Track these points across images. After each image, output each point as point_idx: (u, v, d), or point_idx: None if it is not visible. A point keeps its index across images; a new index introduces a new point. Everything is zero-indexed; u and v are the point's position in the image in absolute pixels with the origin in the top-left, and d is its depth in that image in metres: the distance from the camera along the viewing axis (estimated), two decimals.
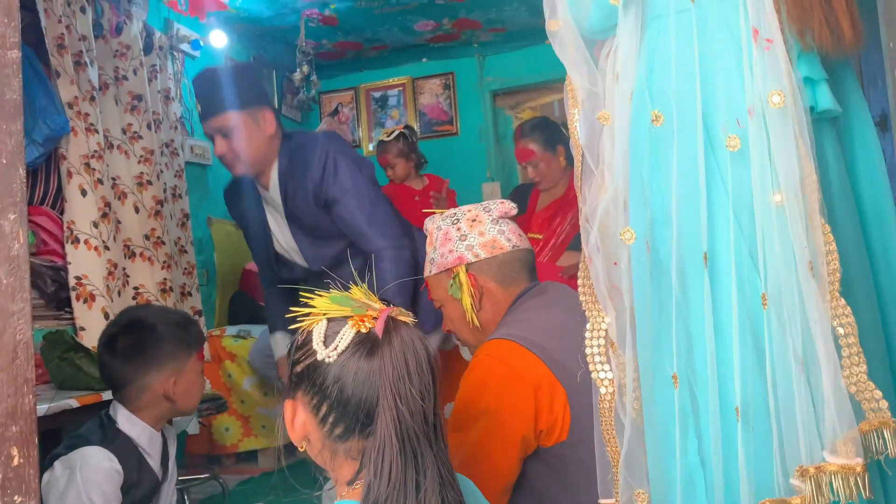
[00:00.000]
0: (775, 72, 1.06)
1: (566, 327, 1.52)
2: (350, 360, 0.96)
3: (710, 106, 1.13)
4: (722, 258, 1.10)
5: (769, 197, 1.06)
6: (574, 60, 1.29)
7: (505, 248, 1.66)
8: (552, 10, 1.30)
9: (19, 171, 0.87)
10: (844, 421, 0.99)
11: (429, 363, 0.98)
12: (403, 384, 0.94)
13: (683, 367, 1.14)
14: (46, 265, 2.71)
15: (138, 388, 1.75)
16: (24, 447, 0.85)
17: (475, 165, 4.96)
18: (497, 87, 4.94)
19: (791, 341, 1.03)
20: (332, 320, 1.00)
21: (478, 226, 1.68)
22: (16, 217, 0.86)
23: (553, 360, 1.48)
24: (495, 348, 1.53)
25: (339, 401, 0.96)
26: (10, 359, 0.84)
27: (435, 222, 1.74)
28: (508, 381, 1.47)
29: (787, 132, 1.05)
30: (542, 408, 1.45)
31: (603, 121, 1.24)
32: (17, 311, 0.85)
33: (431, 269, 1.72)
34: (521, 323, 1.58)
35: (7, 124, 0.87)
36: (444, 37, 4.57)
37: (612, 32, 1.24)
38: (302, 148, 2.37)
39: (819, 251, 1.04)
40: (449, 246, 1.68)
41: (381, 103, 5.20)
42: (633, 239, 1.19)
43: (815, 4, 1.12)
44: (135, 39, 3.24)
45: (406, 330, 0.99)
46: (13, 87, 0.88)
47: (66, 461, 1.65)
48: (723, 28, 1.13)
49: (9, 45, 0.88)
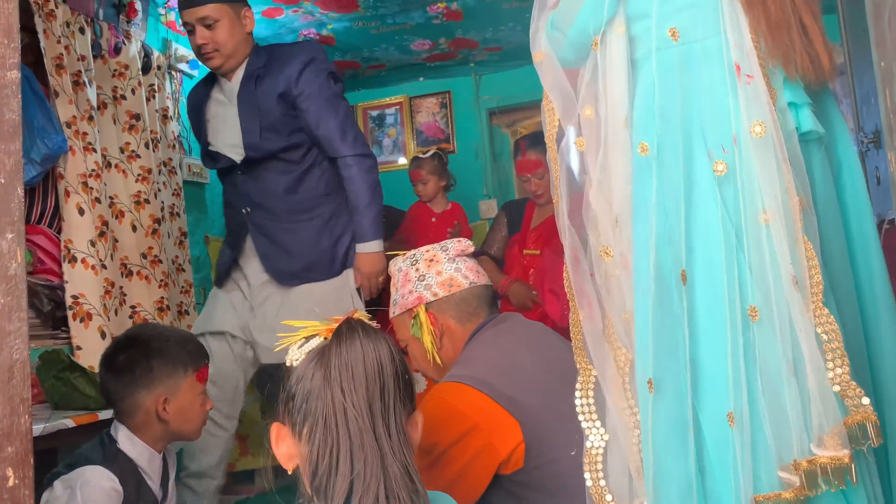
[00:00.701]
0: (757, 104, 1.19)
1: (517, 358, 1.59)
2: (311, 360, 1.00)
3: (696, 134, 1.23)
4: (715, 274, 1.19)
5: (757, 217, 1.17)
6: (552, 86, 1.45)
7: (462, 286, 1.70)
8: (536, 44, 1.47)
9: (17, 190, 0.87)
10: (830, 417, 1.09)
11: (377, 358, 0.99)
12: (345, 373, 0.97)
13: (681, 378, 1.20)
14: (43, 284, 2.70)
15: (132, 406, 1.73)
16: (19, 468, 0.84)
17: (472, 183, 4.97)
18: (493, 105, 4.96)
19: (781, 348, 1.13)
20: (310, 337, 1.04)
21: (435, 265, 1.72)
22: (13, 236, 0.86)
23: (501, 395, 1.51)
24: (442, 390, 1.56)
25: (302, 399, 0.98)
26: (7, 378, 0.84)
27: (396, 264, 1.79)
28: (451, 419, 1.50)
29: (768, 158, 1.16)
30: (494, 445, 1.48)
31: (579, 146, 1.36)
32: (13, 331, 0.85)
33: (395, 310, 1.76)
34: (470, 362, 1.62)
35: (6, 144, 0.87)
36: (440, 56, 4.60)
37: (584, 62, 1.38)
38: (285, 47, 2.52)
39: (802, 266, 1.14)
40: (409, 287, 1.72)
41: (379, 122, 5.22)
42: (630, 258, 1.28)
43: (794, 40, 1.23)
44: (133, 59, 3.26)
45: (361, 329, 1.02)
46: (12, 108, 0.88)
47: (67, 480, 1.64)
48: (707, 63, 1.25)
49: (8, 65, 0.89)
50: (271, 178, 2.45)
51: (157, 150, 3.34)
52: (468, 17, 3.99)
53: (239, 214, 2.58)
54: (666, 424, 1.20)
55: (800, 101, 1.24)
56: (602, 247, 1.33)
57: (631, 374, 1.29)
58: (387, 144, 5.09)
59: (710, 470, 1.18)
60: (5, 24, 0.89)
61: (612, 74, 1.32)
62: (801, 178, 1.18)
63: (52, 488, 1.64)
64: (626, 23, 1.31)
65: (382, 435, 0.97)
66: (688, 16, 1.26)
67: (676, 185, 1.23)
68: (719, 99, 1.22)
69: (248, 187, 2.53)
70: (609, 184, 1.32)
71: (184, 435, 1.82)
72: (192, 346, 1.85)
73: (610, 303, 1.33)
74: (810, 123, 1.24)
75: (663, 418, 1.20)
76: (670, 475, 1.19)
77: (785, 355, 1.13)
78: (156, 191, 3.26)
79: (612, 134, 1.31)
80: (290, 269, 2.49)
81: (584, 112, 1.38)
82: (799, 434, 1.11)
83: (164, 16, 3.62)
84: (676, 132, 1.24)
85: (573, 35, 1.38)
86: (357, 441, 0.95)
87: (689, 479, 1.17)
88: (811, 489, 1.08)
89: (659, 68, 1.27)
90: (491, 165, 5.05)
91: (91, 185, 2.83)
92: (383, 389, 0.99)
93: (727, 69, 1.22)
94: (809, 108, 1.25)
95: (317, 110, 2.42)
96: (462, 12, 3.91)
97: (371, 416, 0.97)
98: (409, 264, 1.75)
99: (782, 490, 1.11)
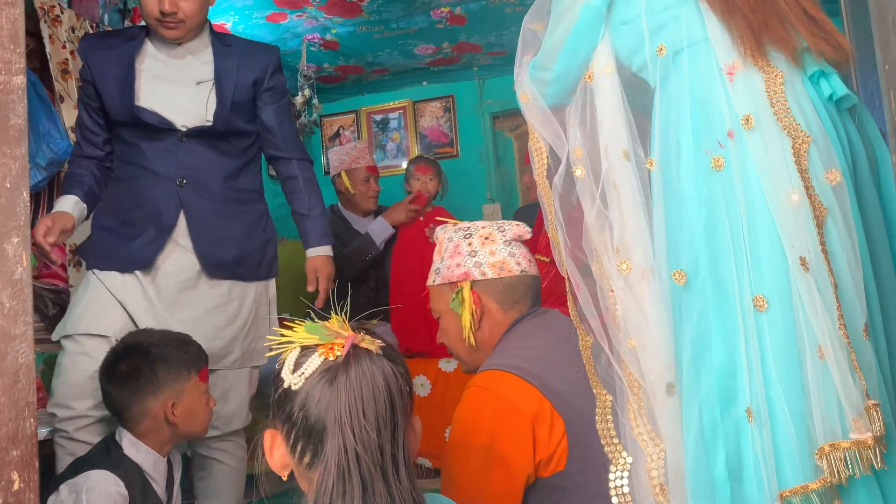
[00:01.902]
0: (747, 95, 1.21)
1: (560, 354, 1.50)
2: (315, 387, 0.95)
3: (696, 133, 1.25)
4: (719, 269, 1.20)
5: (760, 205, 1.17)
6: (539, 125, 1.49)
7: (513, 272, 1.64)
8: (521, 87, 1.52)
9: (23, 194, 0.88)
10: (853, 402, 1.09)
11: (388, 394, 0.95)
12: (355, 415, 0.93)
13: (702, 379, 1.20)
14: (48, 288, 2.71)
15: (138, 413, 1.74)
16: (24, 471, 0.84)
17: (476, 187, 4.97)
18: (497, 109, 4.97)
19: (806, 337, 1.12)
20: (304, 349, 0.99)
21: (489, 244, 1.65)
22: (19, 241, 0.87)
23: (549, 389, 1.45)
24: (489, 380, 1.49)
25: (305, 428, 0.95)
26: (12, 382, 0.84)
27: (447, 232, 1.71)
28: (503, 415, 1.43)
29: (765, 148, 1.18)
30: (540, 440, 1.42)
31: (579, 174, 1.40)
32: (19, 335, 0.85)
33: (436, 278, 1.69)
34: (515, 351, 1.55)
35: (11, 149, 0.88)
36: (444, 60, 4.60)
37: (570, 98, 1.44)
38: (250, 41, 2.47)
39: (814, 251, 1.13)
40: (457, 259, 1.65)
41: (382, 126, 5.23)
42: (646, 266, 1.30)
43: (799, 27, 1.25)
44: None
45: (368, 359, 0.97)
46: (18, 113, 0.89)
47: (72, 485, 1.64)
48: (697, 67, 1.27)
49: (14, 70, 0.89)
50: (214, 157, 2.26)
51: None
52: (472, 22, 4.00)
53: (164, 185, 2.21)
54: (694, 428, 1.20)
55: (827, 69, 1.25)
56: (605, 276, 1.35)
57: (645, 398, 1.30)
58: (390, 149, 5.09)
59: (735, 471, 1.17)
60: (11, 29, 0.89)
61: (605, 110, 1.36)
62: (837, 148, 1.19)
63: (58, 492, 1.65)
64: (615, 57, 1.36)
65: (391, 476, 0.94)
66: (672, 28, 1.29)
67: (675, 188, 1.25)
68: (711, 96, 1.24)
69: (187, 159, 2.23)
70: (612, 209, 1.35)
71: (192, 434, 1.83)
72: (192, 347, 1.85)
73: (615, 330, 1.34)
74: (844, 87, 1.24)
75: (692, 423, 1.21)
76: (702, 482, 1.19)
77: (810, 344, 1.12)
78: None
79: (613, 165, 1.34)
80: (221, 259, 2.23)
81: (575, 150, 1.41)
82: (825, 421, 1.10)
83: None
84: (673, 138, 1.27)
85: (559, 70, 1.41)
86: (368, 486, 0.93)
87: (724, 481, 1.17)
88: (836, 476, 1.07)
89: (662, 81, 1.30)
90: (495, 169, 5.05)
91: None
92: (395, 428, 0.96)
93: (716, 70, 1.24)
94: (838, 76, 1.25)
95: (281, 109, 2.41)
96: (465, 17, 3.92)
97: (381, 457, 0.94)
98: (461, 236, 1.67)
99: (808, 482, 1.10)
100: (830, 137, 1.19)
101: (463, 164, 5.04)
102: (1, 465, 0.83)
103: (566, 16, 1.39)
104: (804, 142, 1.15)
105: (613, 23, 1.36)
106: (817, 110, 1.21)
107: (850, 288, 1.14)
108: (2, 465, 0.83)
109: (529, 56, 1.50)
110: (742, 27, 1.22)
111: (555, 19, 1.42)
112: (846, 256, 1.14)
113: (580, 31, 1.37)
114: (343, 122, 5.30)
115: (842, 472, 1.07)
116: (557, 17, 1.41)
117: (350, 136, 5.27)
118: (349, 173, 3.77)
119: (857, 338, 1.12)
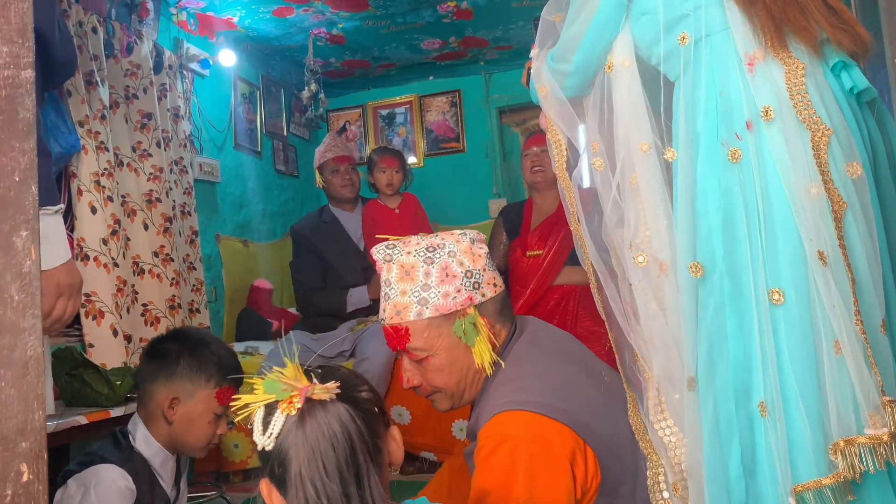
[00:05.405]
0: (767, 87, 1.19)
1: (571, 375, 1.42)
2: (283, 443, 0.96)
3: (714, 124, 1.23)
4: (736, 263, 1.19)
5: (776, 198, 1.16)
6: (558, 117, 1.49)
7: (501, 287, 1.49)
8: (538, 79, 1.50)
9: (32, 188, 0.88)
10: (869, 398, 1.07)
11: (347, 440, 0.95)
12: (315, 469, 0.94)
13: (723, 374, 1.20)
14: None
15: (146, 393, 1.75)
16: (33, 463, 0.85)
17: (482, 182, 4.97)
18: (503, 104, 4.96)
19: (822, 331, 1.11)
20: (268, 406, 0.99)
21: (479, 260, 1.45)
22: (28, 234, 0.87)
23: (576, 422, 1.33)
24: (514, 426, 1.32)
25: (282, 482, 0.96)
26: (21, 375, 0.85)
27: (409, 256, 1.44)
28: (539, 462, 1.29)
29: (784, 141, 1.16)
30: (578, 479, 1.32)
31: (597, 167, 1.39)
32: (28, 328, 0.86)
33: (424, 311, 1.41)
34: (527, 381, 1.39)
35: (20, 142, 0.88)
36: (450, 55, 4.60)
37: (588, 90, 1.44)
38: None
39: (832, 244, 1.11)
40: (455, 284, 1.42)
41: (389, 121, 5.23)
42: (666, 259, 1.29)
43: (819, 18, 1.23)
44: (145, 59, 3.28)
45: (322, 410, 0.96)
46: (26, 106, 0.89)
47: (80, 479, 1.64)
48: (717, 57, 1.25)
49: (22, 64, 0.89)
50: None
51: (168, 149, 3.36)
52: (478, 16, 3.99)
53: None
54: (710, 422, 1.19)
55: (848, 61, 1.24)
56: (623, 270, 1.34)
57: (666, 393, 1.30)
58: (397, 143, 5.09)
59: (749, 466, 1.17)
60: (19, 23, 0.89)
61: (624, 101, 1.35)
62: (858, 141, 1.17)
63: (66, 486, 1.64)
64: (635, 48, 1.35)
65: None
66: (693, 18, 1.27)
67: (693, 179, 1.24)
68: (730, 87, 1.23)
69: None
70: (628, 202, 1.34)
71: (185, 446, 1.77)
72: (228, 362, 1.78)
73: (636, 324, 1.34)
74: (865, 80, 1.23)
75: (707, 417, 1.20)
76: (719, 477, 1.18)
77: (827, 338, 1.11)
78: (167, 189, 3.28)
79: (632, 157, 1.33)
80: None
81: (592, 143, 1.40)
82: (840, 416, 1.09)
83: (176, 16, 3.64)
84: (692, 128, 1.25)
85: (578, 61, 1.40)
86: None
87: (738, 477, 1.17)
88: (850, 471, 1.07)
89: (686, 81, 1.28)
90: (501, 164, 5.04)
91: (103, 184, 2.85)
92: (358, 470, 0.96)
93: (735, 61, 1.22)
94: (858, 68, 1.24)
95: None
96: (472, 11, 3.91)
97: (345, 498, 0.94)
98: (444, 255, 1.43)
99: (821, 477, 1.09)
100: (852, 130, 1.17)
101: (469, 158, 5.03)
102: (10, 457, 0.83)
103: (586, 6, 1.37)
104: (824, 134, 1.14)
105: (634, 13, 1.34)
106: (839, 102, 1.19)
107: (869, 283, 1.12)
108: (11, 457, 0.83)
109: (547, 49, 1.48)
110: (763, 16, 1.20)
111: (574, 10, 1.40)
112: (865, 251, 1.13)
113: (600, 22, 1.35)
114: (349, 117, 5.30)
115: (856, 468, 1.06)
116: (577, 7, 1.39)
117: (356, 130, 5.27)
118: (320, 169, 3.70)
119: (874, 333, 1.11)
